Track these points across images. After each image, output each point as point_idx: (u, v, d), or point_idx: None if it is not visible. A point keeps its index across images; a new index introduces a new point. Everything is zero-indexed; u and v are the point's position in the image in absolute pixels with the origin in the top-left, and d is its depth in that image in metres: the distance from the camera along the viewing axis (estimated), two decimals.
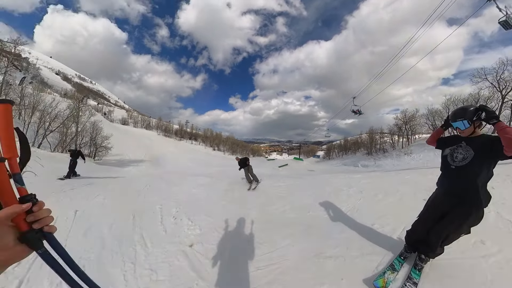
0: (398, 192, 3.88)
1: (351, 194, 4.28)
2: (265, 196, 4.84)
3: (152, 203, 4.12)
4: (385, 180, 5.47)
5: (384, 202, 3.51)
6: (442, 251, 1.70)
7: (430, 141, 1.87)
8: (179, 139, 57.27)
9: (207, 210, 3.77)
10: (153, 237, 2.69)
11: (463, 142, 1.54)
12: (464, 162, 1.49)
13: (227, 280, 1.90)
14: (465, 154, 1.50)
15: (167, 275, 1.95)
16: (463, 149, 1.52)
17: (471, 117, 1.43)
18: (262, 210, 3.82)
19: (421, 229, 1.76)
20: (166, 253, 2.33)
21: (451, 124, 1.58)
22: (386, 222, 2.72)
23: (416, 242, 1.82)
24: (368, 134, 34.58)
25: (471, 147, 1.48)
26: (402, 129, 27.63)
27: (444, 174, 1.69)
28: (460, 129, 1.51)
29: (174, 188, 5.48)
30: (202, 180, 7.10)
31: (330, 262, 2.07)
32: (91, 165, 12.18)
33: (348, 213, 3.26)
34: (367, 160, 25.90)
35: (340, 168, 23.05)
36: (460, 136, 1.58)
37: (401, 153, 23.17)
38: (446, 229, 1.58)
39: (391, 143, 29.29)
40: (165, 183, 6.28)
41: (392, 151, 26.26)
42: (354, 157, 34.36)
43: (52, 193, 4.70)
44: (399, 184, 4.71)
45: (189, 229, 2.93)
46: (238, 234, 2.83)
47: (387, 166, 19.13)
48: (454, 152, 1.58)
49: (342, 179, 6.50)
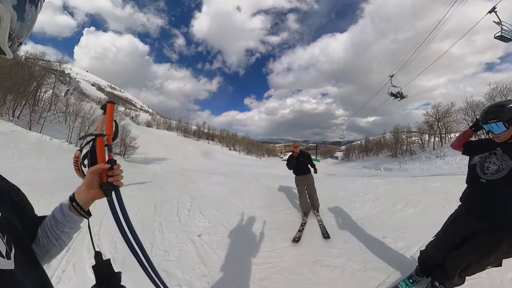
0: (422, 202, 3.44)
1: (366, 200, 3.93)
2: (274, 197, 4.74)
3: (171, 196, 4.55)
4: (409, 187, 4.92)
5: (402, 213, 3.13)
6: (462, 282, 1.40)
7: (456, 145, 1.54)
8: (197, 139, 60.07)
9: (218, 206, 3.99)
10: (169, 225, 3.05)
11: (498, 149, 1.23)
12: (499, 175, 1.19)
13: (225, 268, 2.08)
14: (500, 164, 1.20)
15: (176, 257, 2.26)
16: (498, 158, 1.22)
17: (508, 117, 1.13)
18: (269, 210, 3.78)
19: (436, 253, 1.49)
20: (178, 239, 2.63)
21: (482, 126, 1.28)
22: (401, 237, 2.42)
23: (431, 265, 1.55)
24: (392, 134, 31.31)
25: (509, 155, 1.18)
26: (434, 127, 23.88)
27: (471, 188, 1.39)
28: (493, 133, 1.21)
29: (190, 184, 5.88)
30: (217, 178, 7.52)
31: (327, 271, 1.99)
32: (121, 162, 13.76)
33: (358, 222, 2.98)
34: (391, 163, 23.66)
35: (360, 171, 21.54)
36: (494, 140, 1.27)
37: (432, 155, 20.56)
38: (467, 257, 1.30)
39: (420, 143, 25.58)
40: (183, 179, 6.79)
41: (421, 153, 23.42)
42: (377, 159, 31.88)
43: None
44: (424, 192, 4.20)
45: (200, 221, 3.19)
46: (242, 230, 2.94)
47: (415, 171, 17.17)
48: (485, 161, 1.27)
49: (360, 183, 6.05)
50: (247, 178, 9.17)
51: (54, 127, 16.75)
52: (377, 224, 2.83)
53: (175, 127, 61.77)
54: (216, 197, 4.74)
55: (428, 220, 2.78)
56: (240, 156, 57.78)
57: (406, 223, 2.77)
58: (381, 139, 36.94)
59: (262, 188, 5.90)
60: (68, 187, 4.46)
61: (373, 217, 3.10)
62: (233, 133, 77.86)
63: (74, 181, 5.50)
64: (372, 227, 2.77)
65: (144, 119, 64.33)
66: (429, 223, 2.60)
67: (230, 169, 19.45)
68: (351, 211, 3.43)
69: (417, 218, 2.92)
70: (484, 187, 1.27)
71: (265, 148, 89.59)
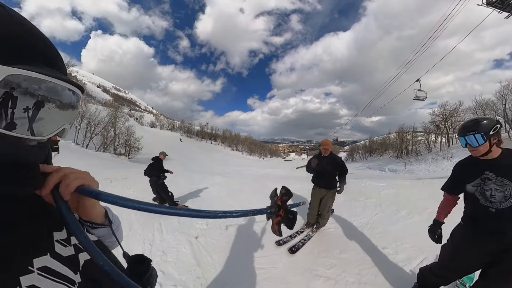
0: (427, 209, 3.28)
1: (368, 206, 3.79)
2: None
3: None
4: (413, 192, 4.74)
5: (406, 221, 2.98)
6: None
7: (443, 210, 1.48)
8: (200, 140, 60.32)
9: (217, 207, 4.01)
10: (168, 226, 3.08)
11: (488, 173, 1.15)
12: (509, 202, 1.08)
13: (218, 272, 2.11)
14: (503, 190, 1.09)
15: (174, 258, 2.30)
16: (495, 182, 1.12)
17: (487, 130, 1.10)
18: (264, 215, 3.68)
19: (446, 276, 1.37)
20: (176, 241, 2.68)
21: (458, 138, 1.22)
22: (402, 248, 2.28)
23: (433, 286, 1.43)
24: (397, 134, 30.63)
25: (505, 177, 1.10)
26: (440, 127, 23.22)
27: (480, 218, 1.24)
28: (471, 146, 1.17)
29: (192, 185, 5.95)
30: (218, 179, 7.70)
31: (319, 282, 1.91)
32: (126, 162, 14.22)
33: (358, 229, 2.84)
34: (395, 164, 23.14)
35: (364, 172, 21.14)
36: (477, 162, 1.20)
37: (438, 156, 20.01)
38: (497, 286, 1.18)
39: (426, 144, 24.84)
40: (185, 180, 6.88)
41: (427, 154, 22.84)
42: (381, 159, 31.29)
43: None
44: (430, 197, 4.01)
45: (198, 223, 3.21)
46: (238, 234, 2.91)
47: (420, 172, 16.74)
48: (483, 189, 1.17)
49: (362, 186, 5.89)
50: (248, 179, 9.12)
51: None
52: (378, 233, 2.68)
53: (178, 127, 62.24)
54: (215, 198, 4.78)
55: None
56: (242, 156, 57.80)
57: (409, 232, 2.62)
58: (385, 139, 36.19)
59: (261, 191, 5.82)
60: None
61: (374, 224, 2.95)
62: (236, 133, 78.24)
63: None
64: (372, 235, 2.63)
65: (148, 120, 65.13)
66: None
67: (232, 169, 19.46)
68: (351, 217, 3.29)
69: (421, 227, 2.74)
70: (494, 216, 1.15)
71: (268, 148, 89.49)
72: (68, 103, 0.32)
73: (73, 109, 0.34)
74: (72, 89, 0.32)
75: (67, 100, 0.32)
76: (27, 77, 0.26)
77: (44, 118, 0.29)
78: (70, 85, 0.31)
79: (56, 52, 0.33)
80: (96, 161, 11.35)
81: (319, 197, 2.87)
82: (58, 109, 0.31)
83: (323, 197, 2.84)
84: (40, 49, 0.30)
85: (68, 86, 0.31)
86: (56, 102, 0.30)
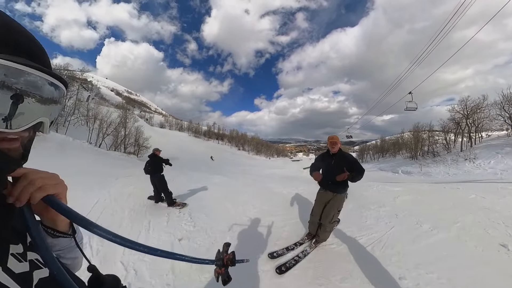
0: (455, 223, 2.70)
1: (381, 216, 3.25)
2: (273, 204, 4.23)
3: None
4: (435, 199, 4.10)
5: (430, 239, 2.42)
6: None
7: None
8: (207, 139, 61.34)
9: (209, 209, 3.92)
10: (156, 225, 3.06)
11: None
12: None
13: (190, 280, 1.94)
14: None
15: (151, 259, 2.20)
16: None
17: None
18: (262, 220, 3.35)
19: None
20: (159, 241, 2.62)
21: None
22: (426, 279, 1.74)
23: None
24: (412, 133, 28.82)
25: None
26: (461, 125, 21.01)
27: None
28: None
29: (191, 184, 5.94)
30: (218, 179, 7.63)
31: None
32: (135, 161, 14.65)
33: (367, 248, 2.33)
34: (410, 166, 21.71)
35: (376, 174, 19.95)
36: None
37: (459, 157, 18.43)
38: None
39: (444, 144, 22.82)
40: (186, 179, 6.98)
41: (446, 154, 21.17)
42: (394, 161, 29.69)
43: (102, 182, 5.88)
44: (457, 207, 3.40)
45: (186, 224, 3.14)
46: (223, 239, 2.69)
47: (438, 175, 15.41)
48: None
49: (374, 191, 5.30)
50: (250, 180, 8.76)
51: (77, 129, 18.54)
52: (393, 254, 2.16)
53: (186, 127, 63.92)
54: (210, 199, 4.65)
55: (468, 252, 2.06)
56: (249, 156, 57.83)
57: (435, 255, 2.08)
58: (399, 139, 34.32)
59: (262, 193, 5.46)
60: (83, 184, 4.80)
61: (388, 242, 2.42)
62: (243, 133, 79.13)
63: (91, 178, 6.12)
64: (385, 257, 2.11)
65: (158, 120, 67.37)
66: (469, 258, 1.91)
67: (237, 169, 19.29)
68: (360, 230, 2.78)
69: (451, 248, 2.21)
70: None
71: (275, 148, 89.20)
72: (50, 97, 0.32)
73: (56, 104, 0.33)
74: (55, 83, 0.32)
75: (48, 94, 0.31)
76: (4, 67, 0.26)
77: (24, 112, 0.29)
78: (52, 78, 0.31)
79: (39, 46, 0.33)
80: (106, 159, 12.08)
81: (324, 202, 2.40)
82: (39, 103, 0.30)
83: (328, 202, 2.36)
84: (22, 42, 0.30)
85: (50, 79, 0.31)
86: (36, 96, 0.30)
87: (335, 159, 2.29)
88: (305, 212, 3.78)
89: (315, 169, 2.40)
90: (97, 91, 56.18)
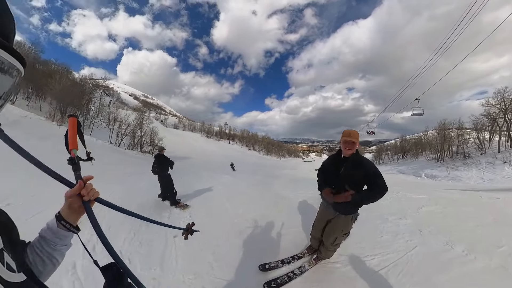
0: (499, 246, 2.17)
1: (401, 231, 2.77)
2: (276, 208, 3.95)
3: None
4: (469, 212, 3.47)
5: (465, 266, 1.92)
6: None
7: None
8: (219, 140, 62.84)
9: (210, 209, 3.95)
10: (157, 219, 3.03)
11: None
12: None
13: (174, 279, 1.94)
14: None
15: (145, 251, 2.34)
16: None
17: None
18: (260, 225, 3.14)
19: None
20: (155, 235, 2.66)
21: None
22: None
23: None
24: (437, 131, 26.07)
25: None
26: (498, 122, 18.50)
27: None
28: None
29: (197, 183, 6.14)
30: (225, 179, 7.87)
31: None
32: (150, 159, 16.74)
33: (380, 272, 1.90)
34: (435, 169, 19.71)
35: (395, 177, 18.40)
36: None
37: (496, 160, 16.31)
38: None
39: (477, 144, 20.17)
40: (193, 178, 7.30)
41: (480, 156, 18.86)
42: (416, 162, 27.34)
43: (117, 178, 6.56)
44: (499, 223, 2.81)
45: (184, 222, 3.09)
46: (216, 243, 2.58)
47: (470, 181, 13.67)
48: None
49: (394, 199, 4.70)
50: (255, 181, 8.49)
51: (100, 131, 20.73)
52: (415, 284, 1.72)
53: (199, 128, 66.12)
54: (213, 198, 4.70)
55: None
56: (260, 156, 57.78)
57: None
58: (421, 138, 31.47)
59: (266, 196, 5.22)
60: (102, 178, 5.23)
61: (407, 266, 1.97)
62: (253, 133, 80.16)
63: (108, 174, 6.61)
64: (404, 287, 1.70)
65: (172, 122, 70.69)
66: None
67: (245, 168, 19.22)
68: (373, 248, 2.35)
69: (493, 281, 1.71)
70: None
71: (286, 149, 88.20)
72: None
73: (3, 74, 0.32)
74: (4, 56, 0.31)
75: None
76: None
77: None
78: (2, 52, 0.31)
79: None
80: (124, 157, 13.57)
81: (325, 220, 1.97)
82: None
83: (329, 221, 1.93)
84: None
85: None
86: None
87: (346, 165, 1.65)
88: (311, 221, 3.43)
89: (325, 181, 1.83)
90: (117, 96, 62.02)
